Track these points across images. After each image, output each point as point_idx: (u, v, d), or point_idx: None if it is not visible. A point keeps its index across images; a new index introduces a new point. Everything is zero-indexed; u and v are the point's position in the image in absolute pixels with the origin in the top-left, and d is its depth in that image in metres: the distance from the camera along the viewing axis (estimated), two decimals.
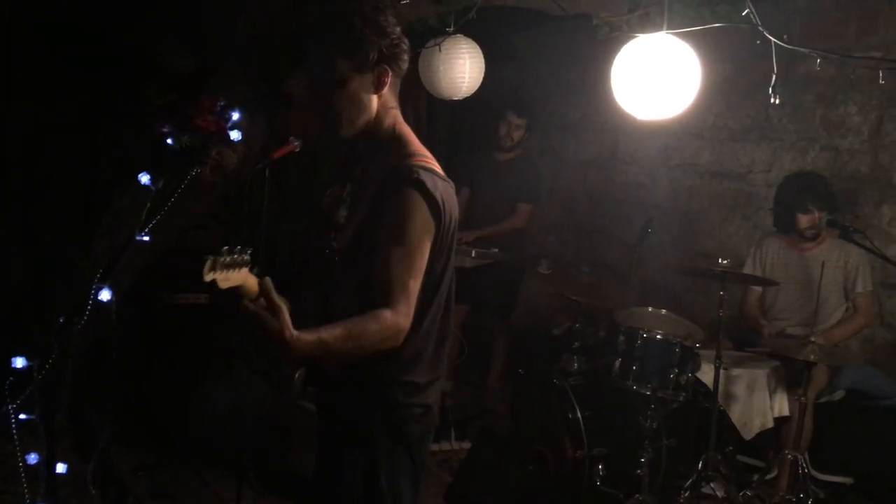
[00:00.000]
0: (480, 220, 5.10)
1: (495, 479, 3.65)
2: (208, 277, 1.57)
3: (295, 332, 1.65)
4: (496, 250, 4.85)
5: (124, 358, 3.59)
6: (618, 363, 3.70)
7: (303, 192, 4.94)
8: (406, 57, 1.97)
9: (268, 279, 1.67)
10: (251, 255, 1.66)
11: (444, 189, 1.93)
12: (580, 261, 5.57)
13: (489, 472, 3.70)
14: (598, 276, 4.89)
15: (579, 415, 3.70)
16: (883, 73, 2.61)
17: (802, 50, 2.62)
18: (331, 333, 1.71)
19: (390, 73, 1.93)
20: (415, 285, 1.85)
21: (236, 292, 1.64)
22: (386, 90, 1.95)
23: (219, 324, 4.24)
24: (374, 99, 1.94)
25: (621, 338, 3.71)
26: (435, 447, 4.40)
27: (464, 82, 3.69)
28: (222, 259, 1.59)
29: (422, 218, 1.86)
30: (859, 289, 3.95)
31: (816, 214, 3.91)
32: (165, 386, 4.02)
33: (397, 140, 1.99)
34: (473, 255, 4.77)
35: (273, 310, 1.62)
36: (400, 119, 2.01)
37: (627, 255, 4.68)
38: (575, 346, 4.13)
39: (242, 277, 1.66)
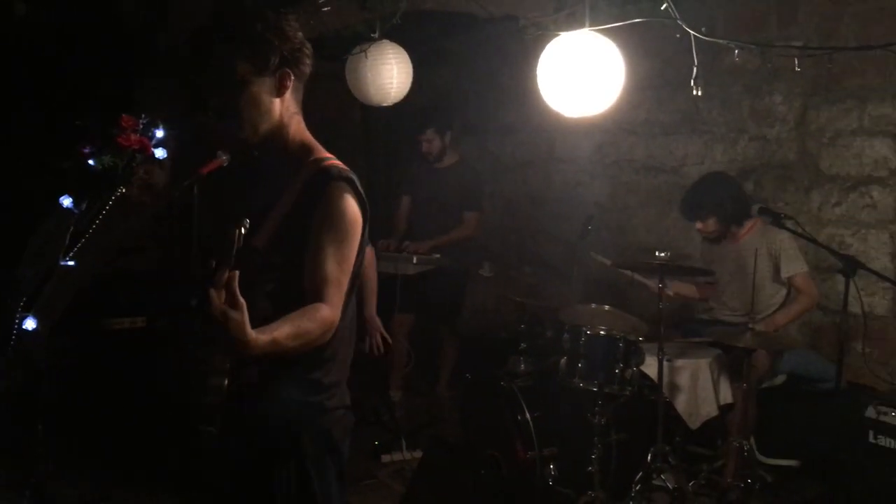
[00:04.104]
0: (425, 230, 5.06)
1: (449, 486, 3.63)
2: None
3: (254, 333, 1.59)
4: (437, 255, 4.83)
5: (61, 387, 3.48)
6: (563, 362, 3.70)
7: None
8: (308, 62, 1.97)
9: (236, 272, 1.59)
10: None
11: (362, 189, 1.96)
12: (523, 262, 5.59)
13: (442, 479, 3.67)
14: (541, 277, 4.90)
15: (528, 416, 3.70)
16: (798, 60, 2.67)
17: (721, 42, 2.65)
18: (282, 332, 1.66)
19: (292, 77, 1.93)
20: (346, 280, 1.85)
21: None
22: (288, 95, 1.94)
23: (159, 347, 4.14)
24: (277, 102, 1.93)
25: (566, 336, 3.72)
26: (387, 458, 4.37)
27: (392, 88, 3.68)
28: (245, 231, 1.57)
29: (353, 214, 1.88)
30: (789, 271, 3.93)
31: (700, 224, 4.08)
32: (110, 414, 3.90)
33: (305, 146, 1.99)
34: (415, 261, 4.75)
35: (237, 306, 1.56)
36: (303, 125, 2.01)
37: (569, 254, 4.70)
38: (522, 348, 4.12)
39: None
